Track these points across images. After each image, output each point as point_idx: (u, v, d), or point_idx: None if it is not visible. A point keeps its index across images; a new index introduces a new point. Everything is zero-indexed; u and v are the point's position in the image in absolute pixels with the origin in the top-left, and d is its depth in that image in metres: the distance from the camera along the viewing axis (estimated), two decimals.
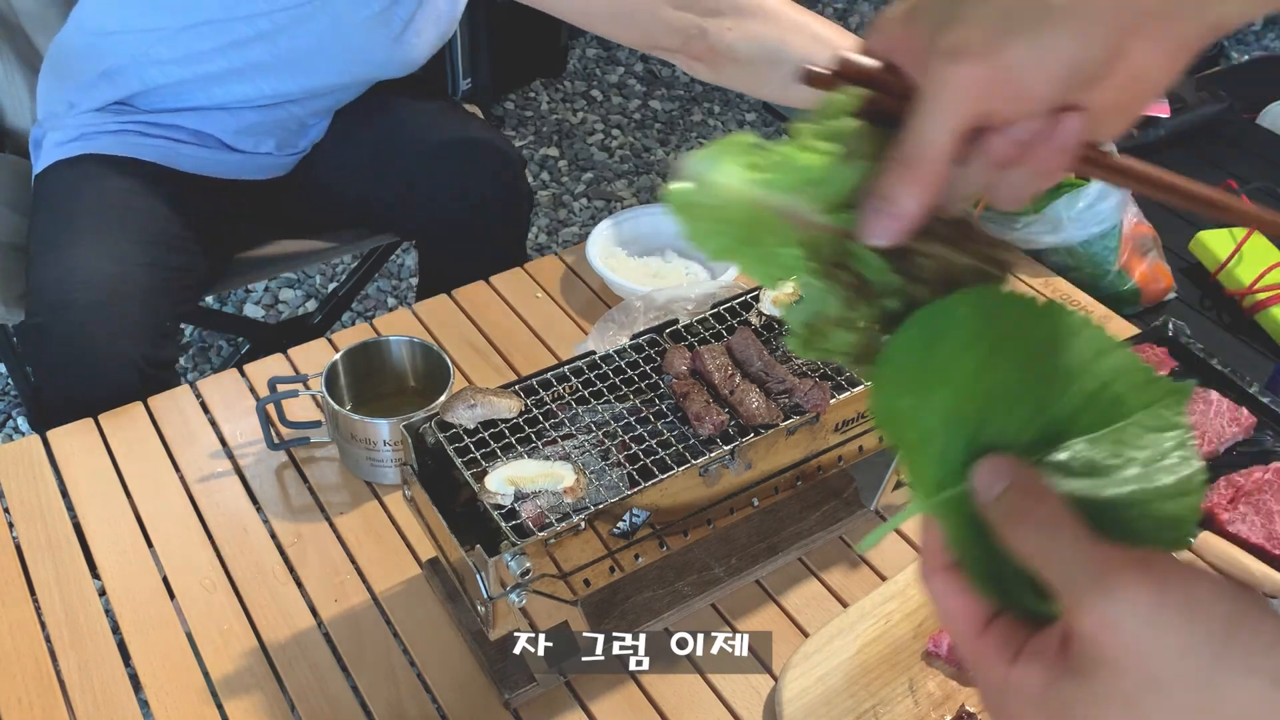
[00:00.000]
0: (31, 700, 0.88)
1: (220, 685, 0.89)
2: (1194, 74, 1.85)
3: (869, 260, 0.42)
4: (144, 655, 0.91)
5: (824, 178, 0.42)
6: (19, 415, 2.03)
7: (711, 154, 0.42)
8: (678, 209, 0.42)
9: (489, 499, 0.76)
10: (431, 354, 1.09)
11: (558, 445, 0.82)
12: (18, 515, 1.03)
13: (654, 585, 0.93)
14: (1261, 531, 0.99)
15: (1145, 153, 1.65)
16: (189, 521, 1.03)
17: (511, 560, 0.74)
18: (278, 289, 2.36)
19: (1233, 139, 1.72)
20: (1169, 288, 1.37)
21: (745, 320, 0.94)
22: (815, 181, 0.42)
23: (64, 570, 0.98)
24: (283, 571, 0.98)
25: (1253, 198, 1.48)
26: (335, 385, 1.07)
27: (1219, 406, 1.12)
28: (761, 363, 0.87)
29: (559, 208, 2.63)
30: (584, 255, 1.29)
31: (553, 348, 1.22)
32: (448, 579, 0.94)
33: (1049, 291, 1.32)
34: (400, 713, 0.88)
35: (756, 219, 0.42)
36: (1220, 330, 1.35)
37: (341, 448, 1.06)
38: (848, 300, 0.43)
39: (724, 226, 0.42)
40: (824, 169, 0.42)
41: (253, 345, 1.82)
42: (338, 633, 0.93)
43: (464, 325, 1.26)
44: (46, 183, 1.36)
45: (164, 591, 0.97)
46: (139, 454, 1.09)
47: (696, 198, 0.42)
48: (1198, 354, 1.20)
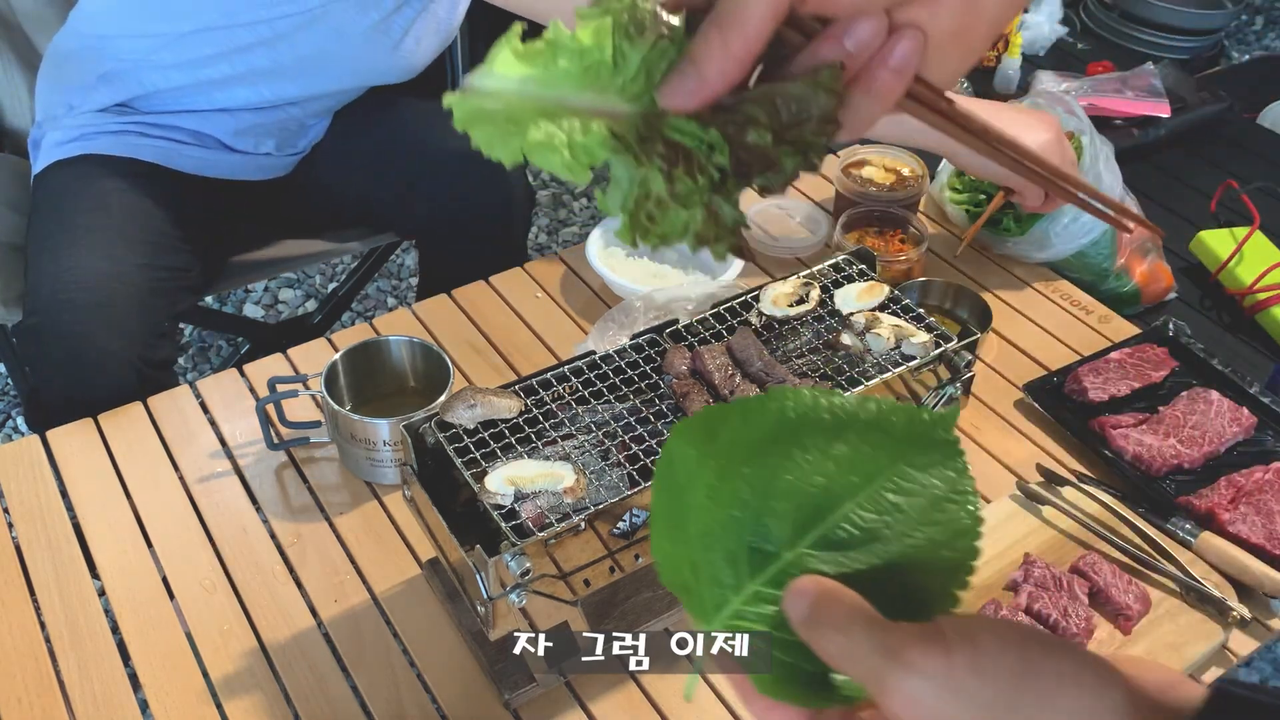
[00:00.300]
0: (31, 700, 0.88)
1: (220, 685, 0.89)
2: (1194, 74, 1.85)
3: (679, 125, 0.39)
4: (144, 655, 0.91)
5: (614, 60, 0.38)
6: (19, 415, 2.03)
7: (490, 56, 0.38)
8: (462, 120, 0.39)
9: (489, 499, 0.76)
10: (431, 354, 1.09)
11: (558, 445, 0.82)
12: (17, 515, 1.03)
13: (654, 585, 0.93)
14: (1261, 531, 0.99)
15: (1145, 152, 1.65)
16: (189, 522, 1.03)
17: (511, 560, 0.74)
18: (277, 289, 2.36)
19: (1233, 139, 1.72)
20: (1169, 288, 1.37)
21: (745, 320, 0.94)
22: (604, 66, 0.38)
23: (64, 570, 0.98)
24: (282, 571, 0.98)
25: (1253, 198, 1.48)
26: (335, 385, 1.07)
27: (1219, 406, 1.12)
28: (761, 363, 0.87)
29: (559, 208, 2.63)
30: (584, 255, 1.29)
31: (553, 348, 1.22)
32: (448, 579, 0.94)
33: (1053, 293, 1.32)
34: (400, 713, 0.87)
35: (548, 114, 0.38)
36: (1220, 330, 1.35)
37: (341, 448, 1.06)
38: (666, 173, 0.39)
39: (513, 128, 0.38)
40: (611, 51, 0.38)
41: (252, 345, 1.82)
42: (338, 633, 0.93)
43: (464, 325, 1.26)
44: (45, 183, 1.36)
45: (164, 592, 0.97)
46: (139, 454, 1.09)
47: (478, 104, 0.38)
48: (1198, 354, 1.20)
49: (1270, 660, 1.70)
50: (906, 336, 0.91)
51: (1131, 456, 1.08)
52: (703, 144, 0.39)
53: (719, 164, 0.39)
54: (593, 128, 0.38)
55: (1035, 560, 0.95)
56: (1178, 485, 1.07)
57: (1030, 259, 1.35)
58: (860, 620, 0.38)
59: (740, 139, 0.38)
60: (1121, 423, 1.11)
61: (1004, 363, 1.23)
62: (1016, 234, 1.32)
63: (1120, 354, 1.19)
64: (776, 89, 0.38)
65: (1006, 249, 1.35)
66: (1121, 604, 0.92)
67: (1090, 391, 1.14)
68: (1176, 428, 1.10)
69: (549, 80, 0.38)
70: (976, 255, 1.38)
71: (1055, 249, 1.31)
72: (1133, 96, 1.68)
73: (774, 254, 1.37)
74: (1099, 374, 1.16)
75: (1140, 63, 1.78)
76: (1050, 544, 1.00)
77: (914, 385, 0.92)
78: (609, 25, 0.38)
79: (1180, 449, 1.08)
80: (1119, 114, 1.66)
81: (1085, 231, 1.29)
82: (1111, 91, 1.69)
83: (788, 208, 1.45)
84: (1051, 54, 2.05)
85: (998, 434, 1.14)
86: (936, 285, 1.24)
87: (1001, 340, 1.26)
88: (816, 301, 0.95)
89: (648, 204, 0.39)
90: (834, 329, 0.93)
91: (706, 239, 0.40)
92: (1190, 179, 1.62)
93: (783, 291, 0.96)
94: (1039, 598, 0.91)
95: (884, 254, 1.25)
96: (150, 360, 1.25)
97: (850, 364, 0.89)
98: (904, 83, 0.39)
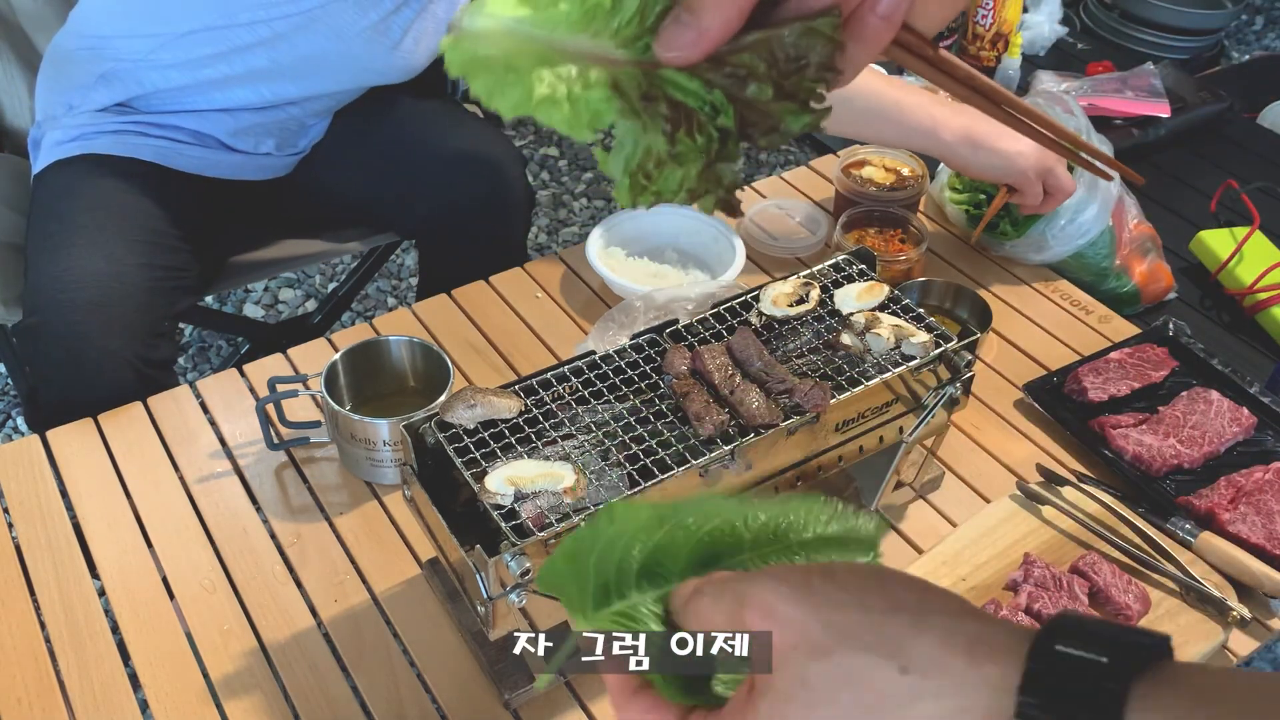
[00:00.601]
0: (31, 700, 0.88)
1: (220, 685, 0.89)
2: (1194, 74, 1.85)
3: (683, 84, 0.38)
4: (144, 655, 0.91)
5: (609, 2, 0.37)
6: (19, 415, 2.03)
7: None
8: (458, 66, 0.38)
9: (489, 499, 0.76)
10: (431, 354, 1.09)
11: (558, 445, 0.82)
12: (17, 515, 1.03)
13: None
14: (1261, 531, 0.99)
15: (1145, 152, 1.65)
16: (189, 521, 1.03)
17: (511, 560, 0.74)
18: (277, 289, 2.36)
19: (1233, 139, 1.72)
20: (1169, 288, 1.37)
21: (745, 320, 0.94)
22: (600, 8, 0.37)
23: (64, 570, 0.98)
24: (283, 571, 0.98)
25: (1253, 198, 1.48)
26: (335, 385, 1.07)
27: (1219, 406, 1.12)
28: (761, 363, 0.87)
29: (559, 208, 2.63)
30: (584, 255, 1.29)
31: (553, 348, 1.22)
32: (448, 579, 0.94)
33: (1053, 293, 1.32)
34: (400, 713, 0.87)
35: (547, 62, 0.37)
36: (1220, 330, 1.35)
37: (341, 448, 1.06)
38: (669, 135, 0.38)
39: (513, 77, 0.37)
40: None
41: (252, 345, 1.82)
42: (338, 633, 0.93)
43: (464, 325, 1.26)
44: (45, 183, 1.36)
45: (164, 591, 0.97)
46: (139, 454, 1.09)
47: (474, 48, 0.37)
48: (1198, 354, 1.20)
49: (1270, 660, 1.70)
50: (906, 336, 0.91)
51: (1131, 456, 1.08)
52: (706, 104, 0.38)
53: (722, 125, 0.38)
54: (592, 77, 0.37)
55: (1035, 560, 0.95)
56: (1178, 485, 1.07)
57: (1028, 261, 1.35)
58: (725, 581, 0.41)
59: (741, 94, 0.38)
60: (1121, 423, 1.11)
61: (1004, 363, 1.23)
62: (1014, 237, 1.32)
63: (1120, 354, 1.19)
64: (773, 36, 0.37)
65: (1004, 251, 1.35)
66: (1121, 604, 0.92)
67: (1090, 391, 1.14)
68: (1176, 428, 1.10)
69: (545, 21, 0.37)
70: (976, 255, 1.38)
71: (1052, 251, 1.31)
72: (1133, 96, 1.68)
73: (774, 254, 1.37)
74: (1099, 374, 1.16)
75: (1140, 63, 1.78)
76: (1050, 544, 1.00)
77: (914, 385, 0.92)
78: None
79: (1180, 449, 1.08)
80: (1119, 114, 1.66)
81: (1082, 233, 1.29)
82: (1111, 91, 1.69)
83: (788, 208, 1.45)
84: (1051, 54, 2.05)
85: (997, 434, 1.14)
86: (936, 285, 1.24)
87: (1001, 340, 1.26)
88: (816, 301, 0.95)
89: (648, 163, 0.39)
90: (834, 329, 0.93)
91: (699, 194, 0.40)
92: (1190, 179, 1.62)
93: (783, 291, 0.96)
94: (1039, 598, 0.91)
95: (884, 254, 1.25)
96: (150, 360, 1.25)
97: (850, 364, 0.89)
98: (892, 29, 0.39)
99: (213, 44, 1.31)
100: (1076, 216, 1.28)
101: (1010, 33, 1.91)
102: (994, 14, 1.90)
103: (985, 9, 1.90)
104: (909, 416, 0.94)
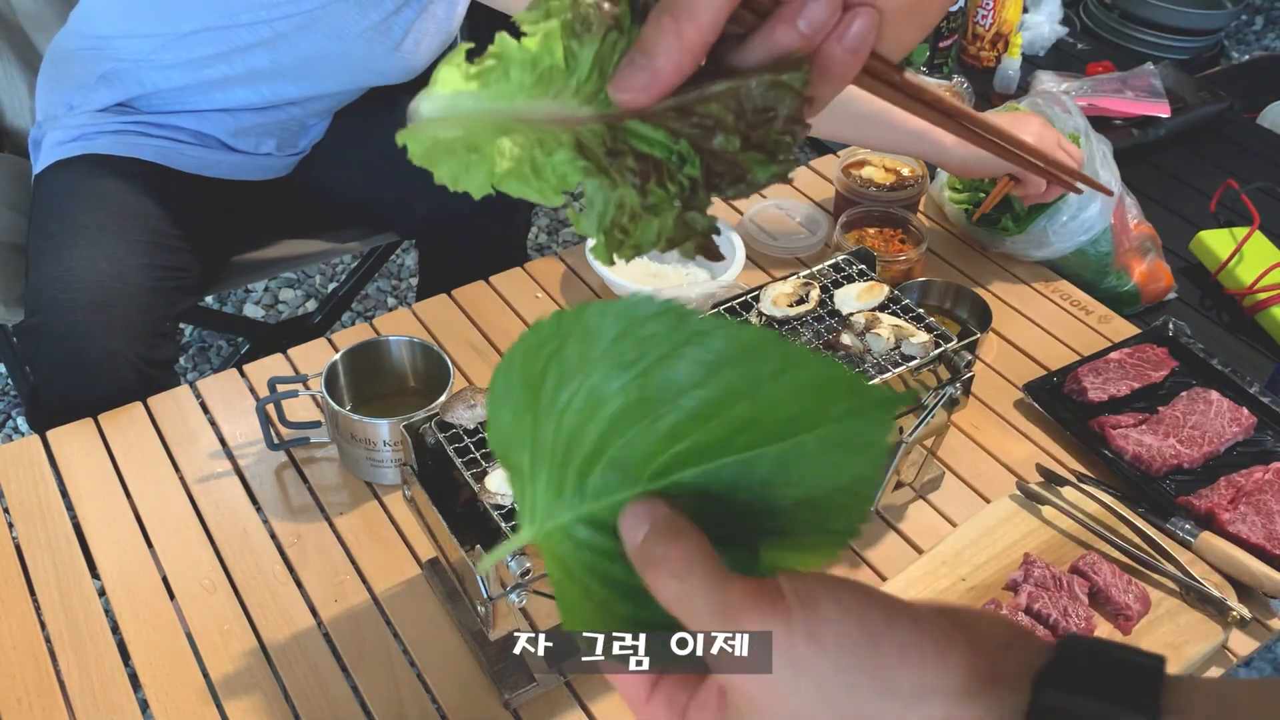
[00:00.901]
0: (31, 700, 0.88)
1: (220, 685, 0.89)
2: (1194, 74, 1.85)
3: (648, 135, 0.37)
4: (144, 655, 0.91)
5: (565, 62, 0.36)
6: (19, 415, 2.03)
7: (433, 78, 0.36)
8: (419, 157, 0.37)
9: (489, 499, 0.76)
10: (431, 354, 1.09)
11: None
12: (18, 515, 1.03)
13: None
14: (1261, 531, 0.99)
15: (1145, 152, 1.65)
16: (189, 521, 1.03)
17: (511, 560, 0.74)
18: (278, 289, 2.36)
19: (1233, 139, 1.72)
20: (1169, 288, 1.37)
21: (745, 320, 0.94)
22: (556, 70, 0.36)
23: (64, 570, 0.98)
24: (283, 572, 0.98)
25: (1253, 198, 1.48)
26: (335, 385, 1.07)
27: (1219, 406, 1.12)
28: None
29: (559, 208, 2.63)
30: (584, 255, 1.29)
31: None
32: (448, 579, 0.94)
33: (1053, 293, 1.32)
34: (400, 713, 0.88)
35: (505, 130, 0.36)
36: (1220, 330, 1.35)
37: (341, 448, 1.06)
38: (639, 187, 0.37)
39: (476, 157, 0.36)
40: (561, 53, 0.36)
41: (252, 345, 1.82)
42: (338, 633, 0.93)
43: (464, 325, 1.26)
44: (45, 183, 1.36)
45: (164, 591, 0.97)
46: (139, 454, 1.09)
47: (432, 135, 0.36)
48: (1198, 354, 1.20)
49: (1270, 660, 1.70)
50: (906, 336, 0.91)
51: (1131, 456, 1.08)
52: (673, 154, 0.37)
53: (690, 175, 0.37)
54: (558, 141, 0.37)
55: (1035, 560, 0.95)
56: (1178, 485, 1.07)
57: (1029, 257, 1.35)
58: (698, 569, 0.34)
59: (707, 145, 0.37)
60: (1121, 423, 1.11)
61: (1004, 363, 1.23)
62: (1015, 232, 1.32)
63: (1120, 354, 1.19)
64: (741, 86, 0.36)
65: (1005, 248, 1.35)
66: (1121, 604, 0.92)
67: (1090, 391, 1.14)
68: (1176, 428, 1.10)
69: (502, 94, 0.36)
70: (976, 255, 1.38)
71: (1054, 247, 1.31)
72: (1133, 96, 1.68)
73: (774, 254, 1.37)
74: (1099, 374, 1.16)
75: (1140, 63, 1.78)
76: (1050, 544, 1.00)
77: (914, 385, 0.92)
78: (556, 27, 0.36)
79: (1180, 449, 1.08)
80: (1119, 114, 1.66)
81: (1084, 229, 1.28)
82: (1111, 91, 1.69)
83: (788, 208, 1.45)
84: (1051, 54, 2.05)
85: (997, 434, 1.14)
86: (936, 285, 1.24)
87: (1001, 340, 1.26)
88: (816, 301, 0.95)
89: (621, 218, 0.38)
90: (834, 329, 0.93)
91: (678, 241, 0.38)
92: (1190, 179, 1.62)
93: (783, 291, 0.96)
94: (1039, 598, 0.91)
95: (884, 254, 1.25)
96: (150, 360, 1.25)
97: (850, 364, 0.89)
98: (860, 61, 0.38)
99: (214, 44, 1.31)
100: (1079, 213, 1.28)
101: (1010, 33, 1.91)
102: (994, 14, 1.90)
103: (985, 9, 1.90)
104: (909, 416, 0.94)
